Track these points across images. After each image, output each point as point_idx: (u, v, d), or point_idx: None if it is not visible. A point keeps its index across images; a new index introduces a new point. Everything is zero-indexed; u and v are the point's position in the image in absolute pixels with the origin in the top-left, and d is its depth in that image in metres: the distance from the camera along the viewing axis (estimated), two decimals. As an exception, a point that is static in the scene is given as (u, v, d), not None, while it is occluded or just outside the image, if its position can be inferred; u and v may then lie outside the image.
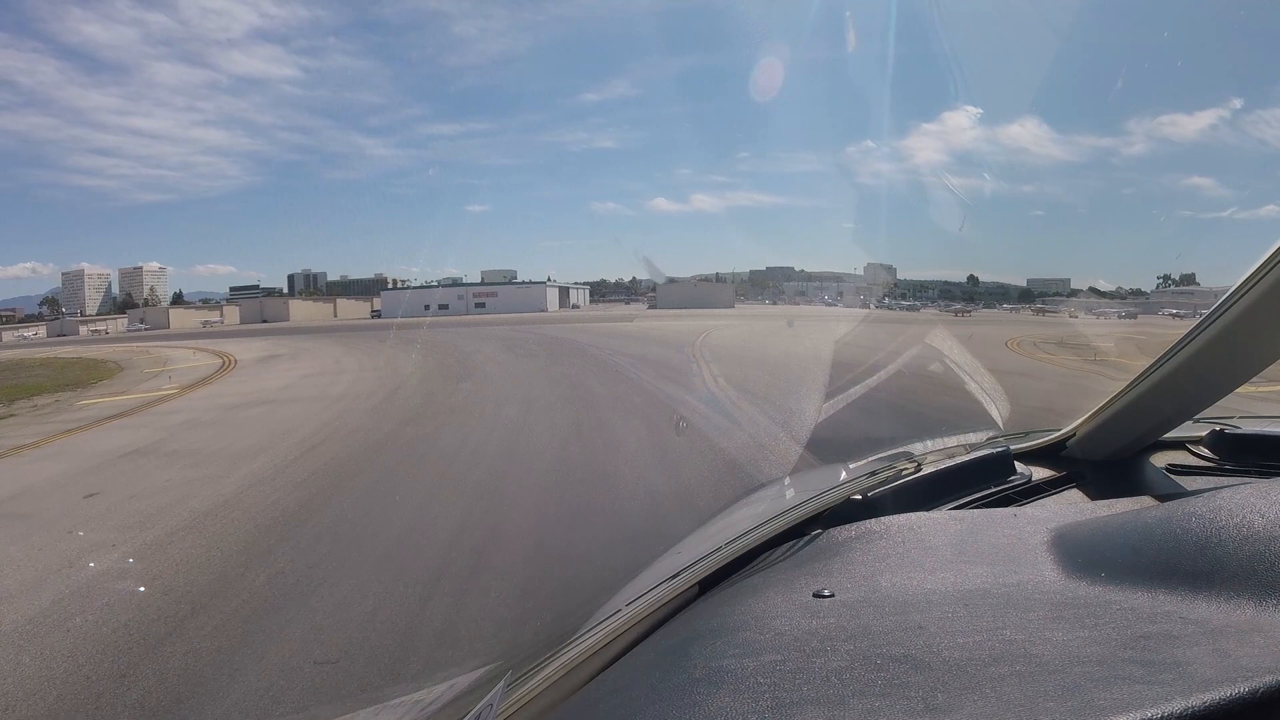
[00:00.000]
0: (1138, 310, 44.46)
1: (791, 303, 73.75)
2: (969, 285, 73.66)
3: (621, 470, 5.74)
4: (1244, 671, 0.47)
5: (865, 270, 51.50)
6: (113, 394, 13.78)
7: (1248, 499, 0.70)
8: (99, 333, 73.94)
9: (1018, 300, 64.84)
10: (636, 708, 0.62)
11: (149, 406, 11.48)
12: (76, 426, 9.69)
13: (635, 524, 4.41)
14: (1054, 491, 1.33)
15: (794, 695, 0.55)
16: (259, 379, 15.01)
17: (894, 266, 67.21)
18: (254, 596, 3.66)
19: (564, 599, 3.42)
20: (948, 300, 65.74)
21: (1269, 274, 0.93)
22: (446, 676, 1.05)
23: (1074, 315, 45.06)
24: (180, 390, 13.55)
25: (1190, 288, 53.17)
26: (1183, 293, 51.31)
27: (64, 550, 4.46)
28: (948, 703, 0.50)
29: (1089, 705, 0.47)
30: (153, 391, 13.61)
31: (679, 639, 0.79)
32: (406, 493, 5.40)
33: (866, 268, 51.76)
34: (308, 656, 2.98)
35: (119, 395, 13.50)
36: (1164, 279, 59.06)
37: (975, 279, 73.74)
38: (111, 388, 15.23)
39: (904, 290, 67.35)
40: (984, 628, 0.64)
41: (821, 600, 0.77)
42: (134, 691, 2.80)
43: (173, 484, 6.03)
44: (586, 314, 56.91)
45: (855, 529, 1.02)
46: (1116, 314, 43.42)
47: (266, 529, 4.68)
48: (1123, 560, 0.73)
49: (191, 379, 15.58)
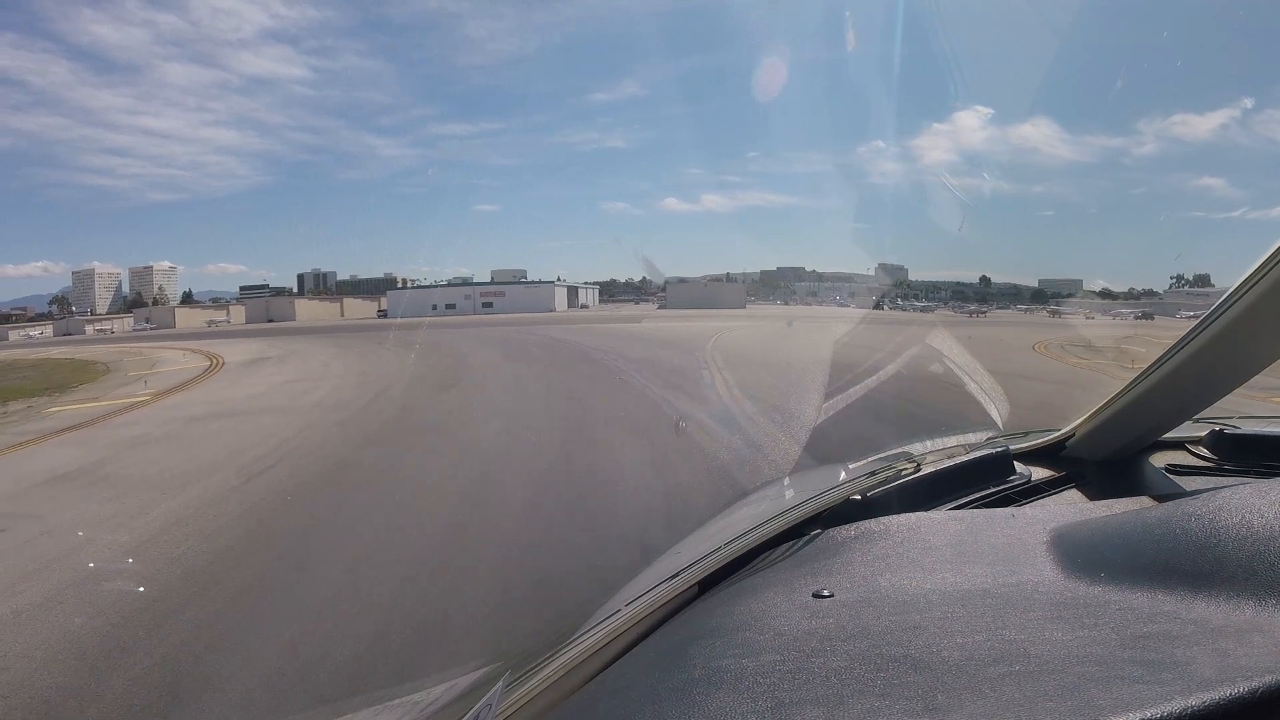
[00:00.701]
0: (1154, 311, 43.19)
1: (803, 303, 72.58)
2: (981, 286, 73.28)
3: (615, 520, 4.63)
4: (1244, 671, 0.47)
5: (876, 271, 50.30)
6: (86, 400, 12.99)
7: (1247, 499, 0.69)
8: (104, 332, 73.94)
9: (1030, 301, 63.52)
10: (636, 708, 0.62)
11: (112, 416, 10.62)
12: (28, 440, 8.88)
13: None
14: (1054, 491, 1.32)
15: (794, 695, 0.55)
16: (238, 385, 14.12)
17: (905, 267, 65.57)
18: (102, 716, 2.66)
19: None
20: (960, 301, 64.87)
21: (1269, 274, 0.93)
22: (446, 677, 1.03)
23: (1090, 316, 44.39)
24: (153, 397, 12.69)
25: (1205, 289, 51.67)
26: (1197, 294, 49.81)
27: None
28: (947, 703, 0.50)
29: (1089, 705, 0.46)
30: (126, 398, 12.78)
31: (678, 639, 0.79)
32: (339, 551, 4.34)
33: (877, 268, 50.52)
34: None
35: (91, 402, 12.70)
36: (1177, 279, 57.38)
37: (987, 280, 73.10)
38: (89, 392, 14.46)
39: (916, 291, 66.25)
40: (984, 628, 0.63)
41: (821, 600, 0.76)
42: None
43: (81, 521, 5.08)
44: (594, 314, 55.86)
45: (855, 529, 1.01)
46: (1133, 315, 42.62)
47: (147, 607, 3.64)
48: (1122, 560, 0.73)
49: (171, 384, 14.73)
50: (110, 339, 55.00)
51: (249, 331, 41.73)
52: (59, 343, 51.34)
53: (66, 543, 4.63)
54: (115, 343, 41.71)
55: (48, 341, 57.75)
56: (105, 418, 10.52)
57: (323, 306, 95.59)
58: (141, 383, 15.29)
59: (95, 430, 9.47)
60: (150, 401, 12.12)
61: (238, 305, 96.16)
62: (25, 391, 14.78)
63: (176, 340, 36.10)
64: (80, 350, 31.21)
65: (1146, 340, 19.41)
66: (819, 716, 0.51)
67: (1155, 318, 38.56)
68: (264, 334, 36.78)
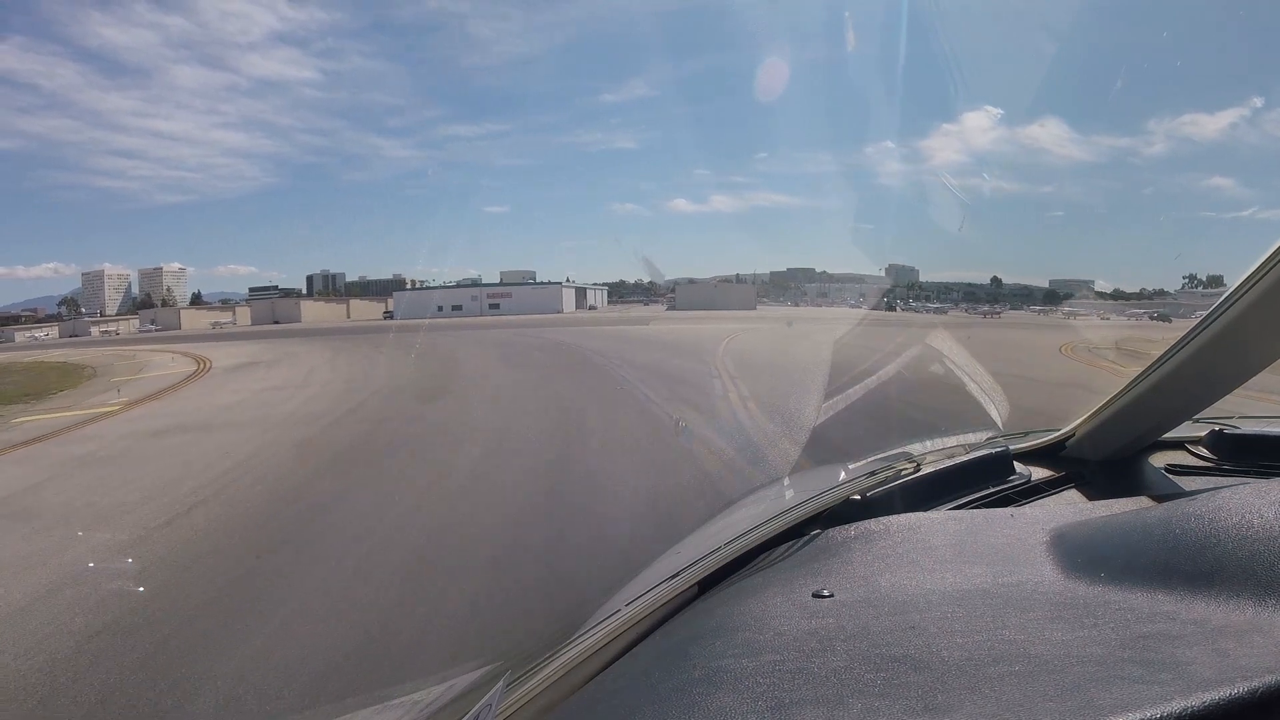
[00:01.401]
0: (1170, 312, 41.99)
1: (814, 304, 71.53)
2: (992, 287, 72.98)
3: (600, 584, 3.70)
4: (1243, 671, 0.47)
5: (887, 272, 49.49)
6: (58, 409, 12.28)
7: (1247, 499, 0.69)
8: (109, 334, 73.91)
9: (1043, 301, 62.45)
10: (636, 707, 0.61)
11: (75, 429, 9.87)
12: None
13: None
14: (1053, 491, 1.31)
15: (793, 695, 0.55)
16: (216, 392, 13.35)
17: (915, 268, 65.17)
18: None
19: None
20: (972, 302, 64.34)
21: (1268, 274, 0.92)
22: (446, 677, 1.03)
23: (1105, 317, 43.61)
24: (123, 406, 11.92)
25: (1219, 289, 50.33)
26: (1211, 294, 48.63)
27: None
28: (947, 703, 0.50)
29: (1088, 705, 0.47)
30: (97, 407, 12.03)
31: (678, 639, 0.79)
32: (245, 632, 3.33)
33: (887, 269, 49.69)
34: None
35: (62, 411, 11.99)
36: (1189, 279, 56.07)
37: (998, 280, 72.52)
38: (65, 400, 13.76)
39: (928, 292, 65.59)
40: (983, 628, 0.63)
41: (821, 600, 0.76)
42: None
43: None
44: (602, 315, 54.98)
45: (854, 529, 1.01)
46: (1148, 315, 41.79)
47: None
48: (1122, 560, 0.72)
49: (148, 390, 13.99)
50: (114, 341, 54.83)
51: (250, 334, 41.16)
52: (62, 344, 51.09)
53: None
54: (116, 345, 41.37)
55: (51, 343, 57.63)
56: (68, 430, 9.78)
57: (329, 308, 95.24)
58: (120, 389, 14.58)
59: (50, 445, 8.70)
60: (118, 412, 11.35)
61: (244, 307, 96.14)
62: (4, 398, 14.16)
63: (177, 343, 35.60)
64: (78, 353, 30.70)
65: (1168, 344, 18.27)
66: (819, 716, 0.51)
67: (1171, 319, 37.34)
68: (264, 336, 36.22)
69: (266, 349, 24.70)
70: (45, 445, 8.72)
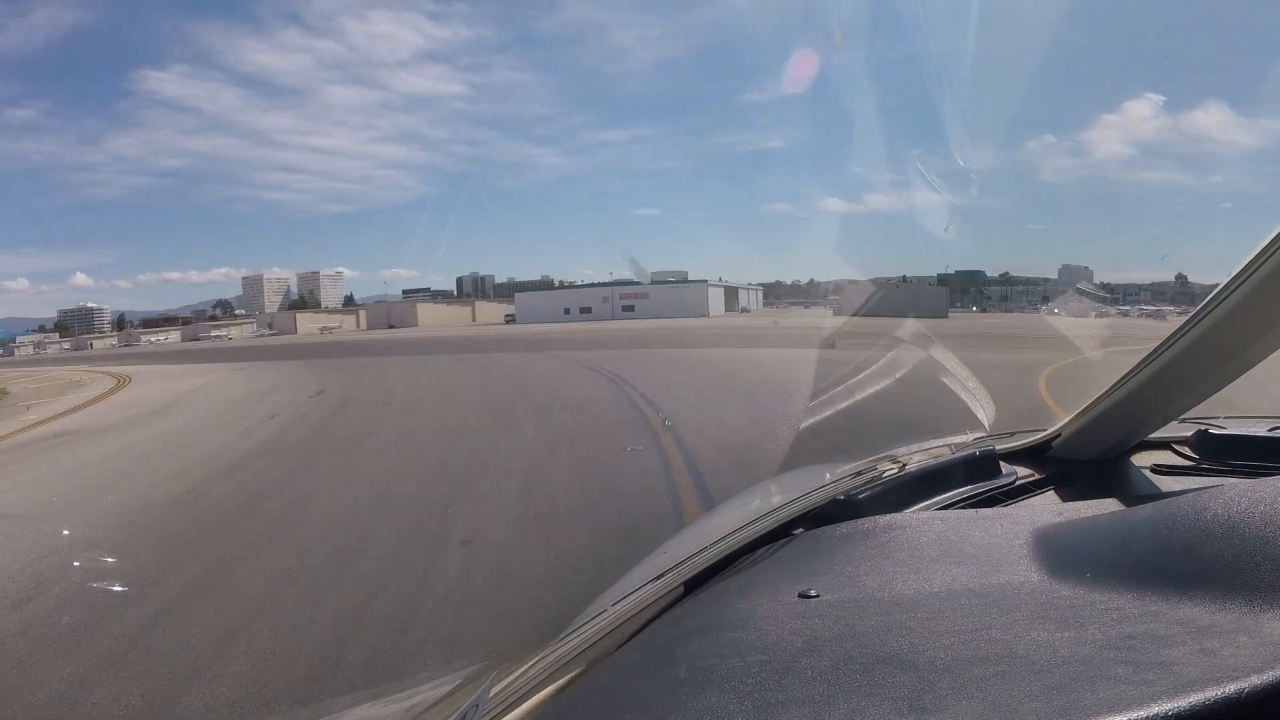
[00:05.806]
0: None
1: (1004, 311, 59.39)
2: (1178, 285, 62.83)
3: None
4: (1230, 671, 0.47)
5: (1060, 272, 39.15)
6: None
7: (1233, 499, 0.69)
8: (219, 338, 77.16)
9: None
10: (622, 708, 0.62)
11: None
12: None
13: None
14: (1039, 491, 1.31)
15: (779, 695, 0.55)
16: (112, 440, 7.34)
17: (1089, 267, 56.81)
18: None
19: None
20: (1159, 301, 54.50)
21: (1254, 274, 0.92)
22: (433, 675, 1.08)
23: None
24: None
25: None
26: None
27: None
28: (933, 703, 0.50)
29: (1075, 705, 0.47)
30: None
31: (664, 639, 0.79)
32: None
33: (1061, 269, 39.27)
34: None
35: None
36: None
37: (1184, 278, 61.75)
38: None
39: (1116, 294, 55.73)
40: (969, 628, 0.63)
41: (807, 600, 0.76)
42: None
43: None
44: (752, 320, 45.79)
45: (840, 529, 1.01)
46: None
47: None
48: (1108, 560, 0.72)
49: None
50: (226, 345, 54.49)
51: (337, 347, 36.99)
52: (166, 350, 50.35)
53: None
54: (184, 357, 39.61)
55: (161, 350, 57.26)
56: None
57: (450, 311, 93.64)
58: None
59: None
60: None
61: (362, 311, 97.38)
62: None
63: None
64: (112, 368, 27.43)
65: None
66: (805, 716, 0.51)
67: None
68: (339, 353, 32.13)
69: (315, 373, 19.57)
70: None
